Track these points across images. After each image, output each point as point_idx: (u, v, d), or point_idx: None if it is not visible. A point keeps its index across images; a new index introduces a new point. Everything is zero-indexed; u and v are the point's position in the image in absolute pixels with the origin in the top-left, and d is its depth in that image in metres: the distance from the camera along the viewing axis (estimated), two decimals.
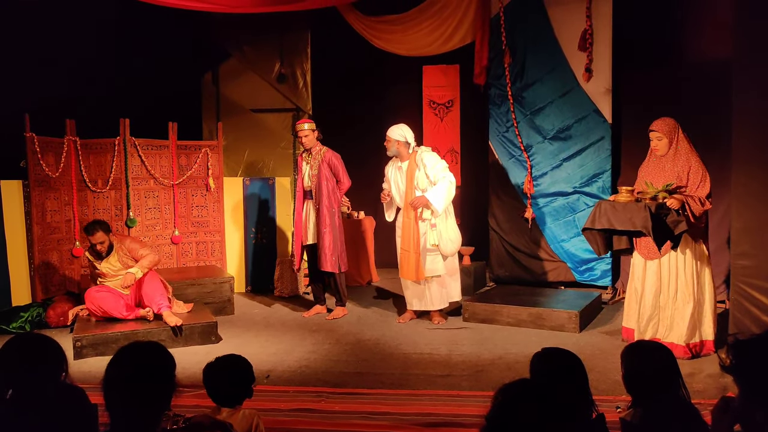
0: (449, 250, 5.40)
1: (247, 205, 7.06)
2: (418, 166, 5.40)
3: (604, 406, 3.29)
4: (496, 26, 6.60)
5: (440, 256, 5.40)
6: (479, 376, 4.19)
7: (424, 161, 5.37)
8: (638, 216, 4.14)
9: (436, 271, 5.39)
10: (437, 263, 5.39)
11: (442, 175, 5.28)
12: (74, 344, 4.70)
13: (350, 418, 3.49)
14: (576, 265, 6.44)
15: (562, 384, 2.14)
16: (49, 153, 5.96)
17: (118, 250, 5.15)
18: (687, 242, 4.30)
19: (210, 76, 7.60)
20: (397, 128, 5.50)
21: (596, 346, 4.76)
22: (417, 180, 5.40)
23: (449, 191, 5.27)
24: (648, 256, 4.45)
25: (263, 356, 4.65)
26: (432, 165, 5.34)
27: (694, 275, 4.32)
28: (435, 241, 5.35)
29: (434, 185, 5.29)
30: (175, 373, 1.91)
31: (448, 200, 5.30)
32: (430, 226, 5.35)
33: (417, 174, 5.39)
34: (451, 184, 5.28)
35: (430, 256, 5.38)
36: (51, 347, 2.07)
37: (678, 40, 5.98)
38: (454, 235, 5.45)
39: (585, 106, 6.28)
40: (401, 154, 5.48)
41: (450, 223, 5.45)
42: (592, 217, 4.42)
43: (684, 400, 2.21)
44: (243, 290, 6.99)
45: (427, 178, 5.34)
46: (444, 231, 5.38)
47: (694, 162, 4.34)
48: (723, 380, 3.91)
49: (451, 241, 5.40)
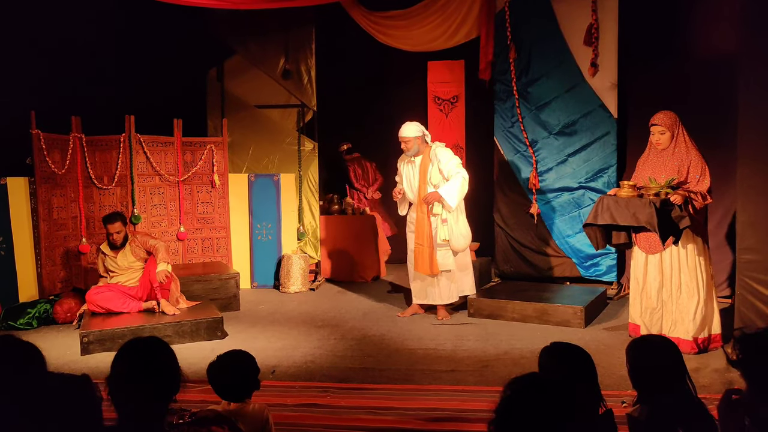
0: (460, 245, 5.41)
1: (252, 201, 7.07)
2: (431, 161, 5.38)
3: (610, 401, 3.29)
4: (502, 21, 6.57)
5: (450, 252, 5.40)
6: (484, 371, 4.19)
7: (438, 156, 5.36)
8: (642, 212, 4.13)
9: (447, 266, 5.40)
10: (448, 258, 5.39)
11: (456, 170, 5.28)
12: (81, 340, 4.73)
13: (356, 413, 3.50)
14: (581, 260, 6.43)
15: (571, 378, 2.13)
16: (55, 150, 5.99)
17: (132, 242, 5.32)
18: (687, 236, 4.29)
19: (215, 73, 7.61)
20: (411, 125, 5.44)
21: (601, 341, 4.75)
22: (430, 175, 5.39)
23: (462, 187, 5.27)
24: (649, 250, 4.44)
25: (269, 352, 4.67)
26: (446, 160, 5.33)
27: (696, 269, 4.31)
28: (446, 236, 5.35)
29: (447, 181, 5.29)
30: (180, 368, 1.92)
31: (460, 196, 5.30)
32: (441, 222, 5.35)
33: (430, 169, 5.38)
34: (464, 180, 5.28)
35: (441, 251, 5.38)
36: (26, 348, 2.04)
37: (684, 34, 5.94)
38: (465, 231, 5.45)
39: (590, 101, 6.25)
40: (420, 150, 5.44)
41: (461, 218, 5.45)
42: (594, 212, 4.41)
43: (691, 396, 2.20)
44: (248, 286, 7.01)
45: (441, 173, 5.34)
46: (455, 226, 5.38)
47: (695, 156, 4.32)
48: (729, 375, 3.90)
49: (462, 237, 5.41)
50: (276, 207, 7.09)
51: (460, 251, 5.44)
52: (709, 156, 4.47)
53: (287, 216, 7.12)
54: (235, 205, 7.05)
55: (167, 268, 5.20)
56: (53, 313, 5.58)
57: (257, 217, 7.09)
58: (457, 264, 5.47)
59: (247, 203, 7.08)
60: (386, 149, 7.98)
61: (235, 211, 7.05)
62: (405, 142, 5.43)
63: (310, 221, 7.47)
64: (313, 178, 7.50)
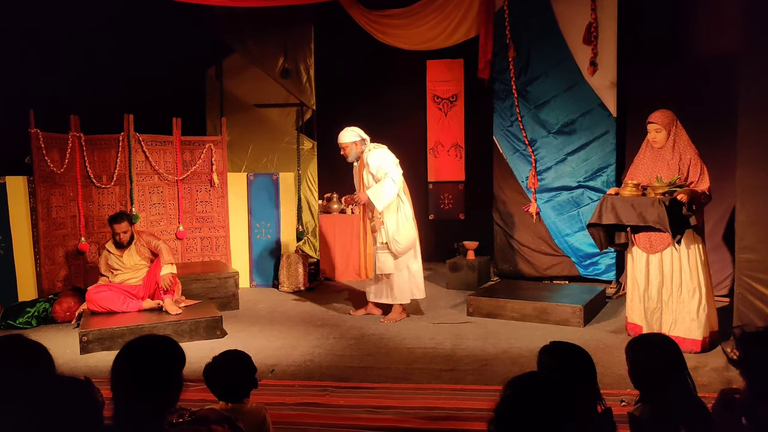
0: (397, 248, 5.32)
1: (251, 200, 7.07)
2: (366, 165, 5.38)
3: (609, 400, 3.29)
4: (501, 20, 6.57)
5: (389, 254, 5.33)
6: (483, 370, 4.19)
7: (367, 160, 5.35)
8: (650, 211, 4.12)
9: (386, 269, 5.35)
10: (387, 261, 5.34)
11: (383, 172, 5.22)
12: (80, 339, 4.73)
13: (355, 412, 3.50)
14: (580, 259, 6.43)
15: (570, 378, 2.13)
16: (54, 149, 5.98)
17: (137, 242, 5.36)
18: (688, 236, 4.29)
19: (214, 72, 7.61)
20: (347, 131, 5.44)
21: (600, 340, 4.76)
22: (367, 179, 5.39)
23: (387, 189, 5.18)
24: (650, 250, 4.44)
25: (268, 351, 4.67)
26: (374, 164, 5.30)
27: (697, 268, 4.32)
28: (383, 239, 5.33)
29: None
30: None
31: (387, 198, 5.21)
32: (379, 224, 5.34)
33: (365, 173, 5.40)
34: (391, 181, 5.19)
35: (380, 253, 5.37)
36: (34, 348, 2.05)
37: (684, 33, 5.94)
38: (404, 233, 5.32)
39: (590, 100, 6.25)
40: (360, 154, 5.43)
41: (401, 220, 5.34)
42: (598, 212, 4.40)
43: (692, 395, 2.20)
44: (247, 285, 7.01)
45: (373, 177, 5.32)
46: (392, 229, 5.31)
47: (693, 155, 4.32)
48: (728, 374, 3.91)
49: (399, 240, 5.29)
50: (275, 206, 7.09)
51: (399, 254, 5.34)
52: (709, 155, 4.47)
53: (286, 215, 7.12)
54: (234, 204, 7.04)
55: (172, 270, 5.22)
56: (52, 312, 5.57)
57: (256, 216, 7.09)
58: (400, 267, 5.38)
59: (246, 202, 7.07)
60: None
61: (234, 210, 7.05)
62: (342, 149, 5.46)
63: (309, 220, 7.48)
64: (312, 177, 7.50)
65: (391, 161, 5.32)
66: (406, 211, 5.38)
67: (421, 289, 5.51)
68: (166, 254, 5.26)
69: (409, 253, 5.40)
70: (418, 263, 5.50)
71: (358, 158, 5.47)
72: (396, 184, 5.22)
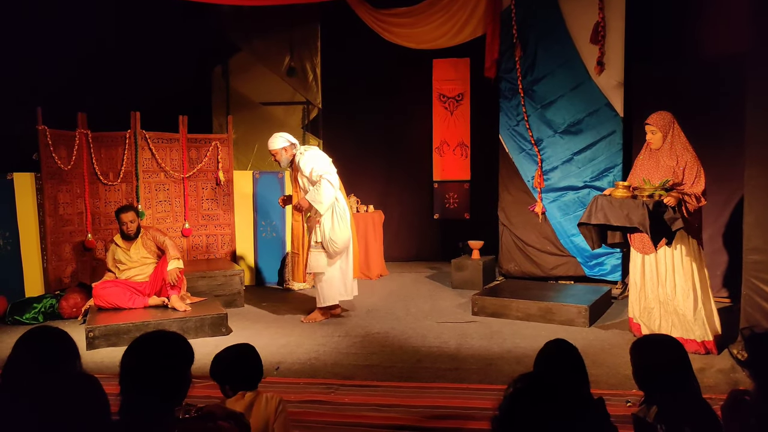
0: (334, 248, 5.32)
1: (256, 198, 7.08)
2: (299, 169, 5.37)
3: (614, 401, 3.30)
4: (507, 19, 6.56)
5: (323, 254, 5.34)
6: (488, 369, 4.19)
7: (300, 165, 5.33)
8: (635, 213, 4.13)
9: (319, 268, 5.35)
10: (320, 260, 5.34)
11: (317, 174, 5.21)
12: (87, 335, 4.74)
13: (360, 410, 3.50)
14: (586, 259, 6.42)
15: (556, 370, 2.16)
16: (61, 146, 6.01)
17: (144, 236, 5.38)
18: (681, 238, 4.27)
19: (220, 70, 7.63)
20: (276, 137, 5.43)
21: (606, 340, 4.75)
22: (302, 182, 5.39)
23: (325, 191, 5.18)
24: (643, 251, 4.44)
25: (273, 348, 4.68)
26: (306, 168, 5.28)
27: (691, 270, 4.30)
28: (318, 238, 5.33)
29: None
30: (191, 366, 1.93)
31: (326, 200, 5.21)
32: (316, 223, 5.33)
33: (300, 177, 5.39)
34: (327, 183, 5.19)
35: (313, 252, 5.36)
36: (66, 340, 2.09)
37: (691, 33, 5.93)
38: (339, 233, 5.33)
39: (596, 100, 6.23)
40: (291, 159, 5.42)
41: (335, 220, 5.33)
42: (588, 211, 4.41)
43: (697, 396, 2.19)
44: (253, 283, 7.02)
45: (308, 180, 5.32)
46: (327, 228, 5.30)
47: (690, 158, 4.29)
48: (734, 375, 3.89)
49: (335, 240, 5.29)
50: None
51: (334, 254, 5.34)
52: (714, 156, 4.45)
53: (291, 213, 7.11)
54: (240, 202, 7.06)
55: (179, 265, 5.22)
56: (59, 308, 5.60)
57: (262, 215, 7.10)
58: (334, 268, 5.39)
59: (251, 200, 7.08)
60: (389, 147, 7.99)
61: (240, 208, 7.06)
62: (273, 155, 5.46)
63: None
64: None
65: (323, 162, 5.31)
66: (341, 211, 5.37)
67: (350, 290, 5.53)
68: (173, 250, 5.28)
69: (343, 253, 5.42)
70: (350, 264, 5.50)
71: (291, 163, 5.45)
72: (332, 185, 5.23)
